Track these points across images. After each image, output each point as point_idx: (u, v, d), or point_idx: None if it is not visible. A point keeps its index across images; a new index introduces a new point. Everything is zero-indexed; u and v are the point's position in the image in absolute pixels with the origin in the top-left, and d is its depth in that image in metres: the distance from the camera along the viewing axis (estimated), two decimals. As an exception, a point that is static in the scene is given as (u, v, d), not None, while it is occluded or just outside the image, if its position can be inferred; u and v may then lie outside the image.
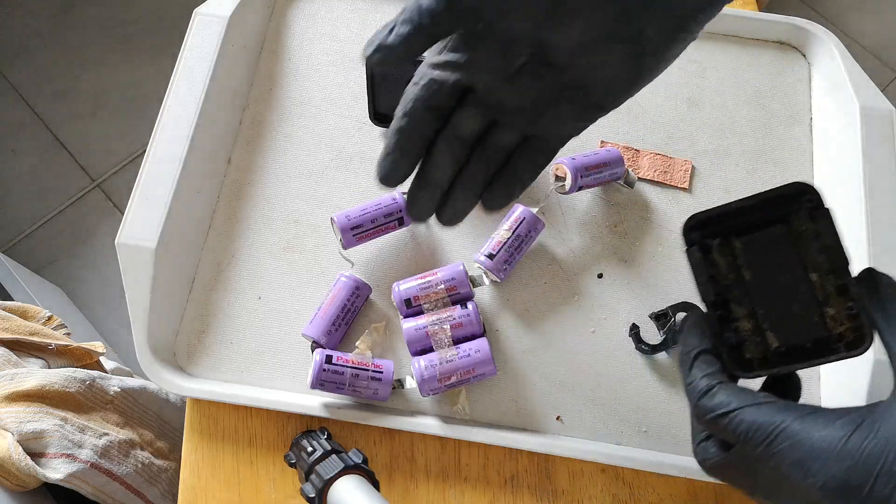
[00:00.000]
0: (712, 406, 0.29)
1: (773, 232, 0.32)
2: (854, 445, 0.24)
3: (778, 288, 0.32)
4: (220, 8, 0.56)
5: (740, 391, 0.29)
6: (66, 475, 0.59)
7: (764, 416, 0.27)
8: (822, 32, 0.58)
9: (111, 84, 1.50)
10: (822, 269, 0.32)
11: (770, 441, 0.26)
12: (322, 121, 0.57)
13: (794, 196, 0.32)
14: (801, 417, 0.26)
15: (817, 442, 0.25)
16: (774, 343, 0.32)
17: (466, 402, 0.48)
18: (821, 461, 0.25)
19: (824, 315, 0.31)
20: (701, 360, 0.31)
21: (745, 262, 0.32)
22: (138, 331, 0.48)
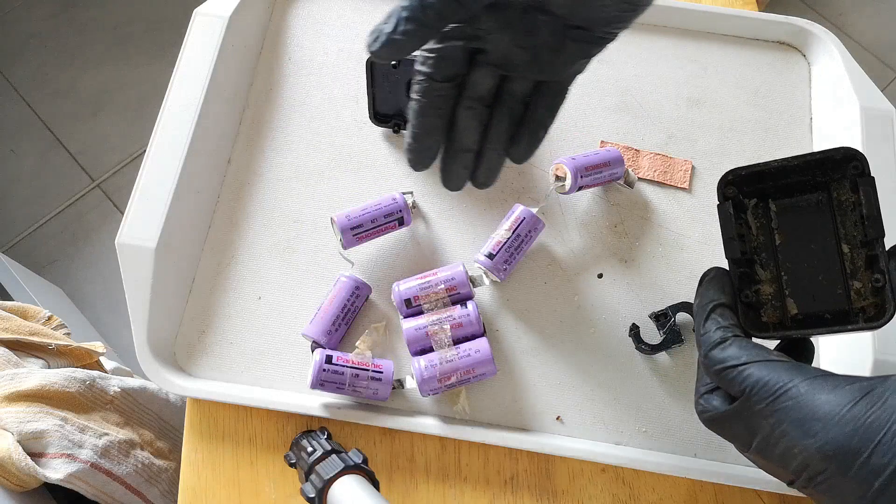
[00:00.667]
0: (723, 357, 0.29)
1: (813, 199, 0.31)
2: (859, 412, 0.24)
3: (807, 256, 0.31)
4: (220, 8, 0.56)
5: (753, 346, 0.29)
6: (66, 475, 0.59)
7: (773, 373, 0.27)
8: (822, 32, 0.58)
9: (111, 84, 1.50)
10: (854, 242, 0.31)
11: (775, 398, 0.26)
12: (322, 121, 0.57)
13: (840, 161, 0.31)
14: (810, 379, 0.26)
15: (822, 404, 0.25)
16: (793, 310, 0.31)
17: (466, 402, 0.48)
18: (822, 423, 0.25)
19: (849, 288, 0.31)
20: (717, 312, 0.31)
21: (777, 226, 0.32)
22: (138, 331, 0.48)
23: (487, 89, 0.35)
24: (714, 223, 0.54)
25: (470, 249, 0.53)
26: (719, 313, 0.31)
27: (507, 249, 0.49)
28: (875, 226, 0.30)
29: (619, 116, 0.57)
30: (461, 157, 0.37)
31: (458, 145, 0.36)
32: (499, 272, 0.49)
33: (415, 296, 0.48)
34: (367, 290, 0.50)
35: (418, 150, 0.36)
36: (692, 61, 0.59)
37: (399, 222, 0.50)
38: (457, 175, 0.38)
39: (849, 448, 0.24)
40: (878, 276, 0.30)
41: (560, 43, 0.33)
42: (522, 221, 0.49)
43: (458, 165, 0.37)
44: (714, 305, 0.31)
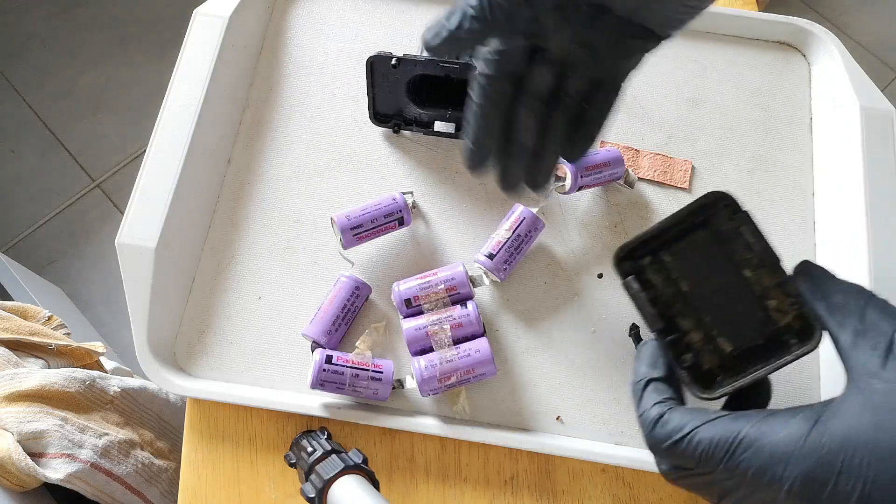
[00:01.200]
0: (667, 433, 0.28)
1: (698, 237, 0.33)
2: (813, 444, 0.24)
3: (716, 291, 0.32)
4: (220, 8, 0.56)
5: (692, 412, 0.28)
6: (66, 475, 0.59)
7: (720, 430, 0.27)
8: (822, 32, 0.58)
9: (111, 84, 1.50)
10: (753, 265, 0.32)
11: (731, 454, 0.26)
12: (322, 121, 0.57)
13: (711, 204, 0.32)
14: (758, 423, 0.26)
15: (777, 445, 0.25)
16: (728, 347, 0.32)
17: (466, 402, 0.48)
18: (783, 464, 0.25)
19: (767, 308, 0.31)
20: (651, 388, 0.30)
21: (679, 274, 0.33)
22: (138, 331, 0.48)
23: (547, 87, 0.34)
24: (714, 223, 0.54)
25: (470, 249, 0.53)
26: (652, 388, 0.30)
27: (507, 249, 0.49)
28: (767, 256, 0.31)
29: (619, 116, 0.57)
30: (520, 156, 0.36)
31: (518, 144, 0.36)
32: (499, 272, 0.49)
33: (415, 296, 0.48)
34: (367, 290, 0.50)
35: (479, 152, 0.36)
36: (692, 61, 0.59)
37: (399, 222, 0.50)
38: (515, 175, 0.37)
39: (815, 482, 0.24)
40: (793, 300, 0.30)
41: (620, 42, 0.33)
42: (522, 221, 0.49)
43: (517, 165, 0.37)
44: (646, 382, 0.31)
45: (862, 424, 0.24)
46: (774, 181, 0.55)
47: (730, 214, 0.32)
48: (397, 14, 0.61)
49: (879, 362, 0.25)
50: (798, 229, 0.54)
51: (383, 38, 0.60)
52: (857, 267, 0.50)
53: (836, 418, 0.25)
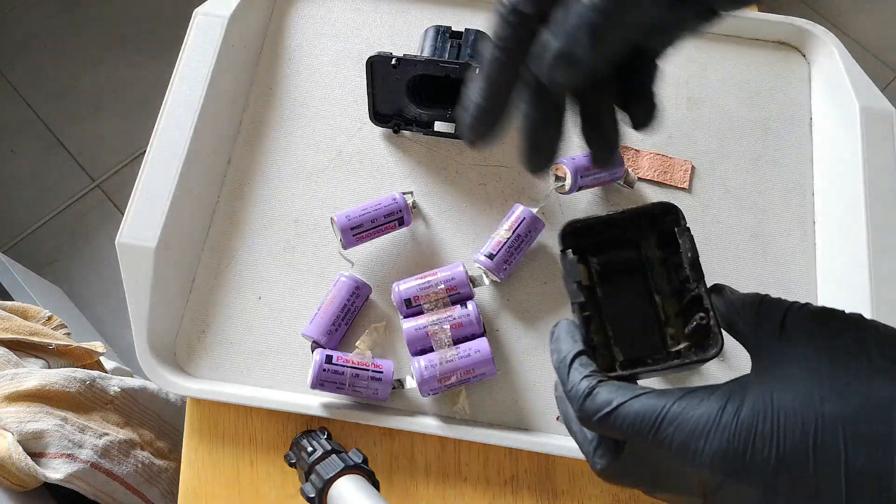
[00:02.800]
0: (596, 407, 0.28)
1: (625, 255, 0.35)
2: (728, 417, 0.26)
3: (626, 307, 0.35)
4: (220, 8, 0.56)
5: (620, 387, 0.29)
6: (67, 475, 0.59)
7: (645, 405, 0.27)
8: (822, 32, 0.58)
9: (111, 84, 1.50)
10: (665, 293, 0.35)
11: (656, 429, 0.27)
12: (322, 121, 0.57)
13: (659, 214, 0.34)
14: (679, 399, 0.27)
15: (697, 419, 0.26)
16: (620, 357, 0.34)
17: (466, 402, 0.48)
18: (704, 438, 0.26)
19: (665, 335, 0.34)
20: (577, 362, 0.31)
21: (598, 280, 0.35)
22: (138, 331, 0.48)
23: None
24: (714, 223, 0.54)
25: (470, 249, 0.53)
26: (579, 363, 0.31)
27: (507, 249, 0.49)
28: (696, 269, 0.33)
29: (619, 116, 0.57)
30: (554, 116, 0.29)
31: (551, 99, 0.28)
32: (499, 272, 0.49)
33: (415, 296, 0.48)
34: (367, 290, 0.50)
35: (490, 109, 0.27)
36: (692, 61, 0.59)
37: (399, 222, 0.50)
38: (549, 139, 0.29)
39: (733, 453, 0.25)
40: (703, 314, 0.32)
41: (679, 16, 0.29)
42: (522, 221, 0.49)
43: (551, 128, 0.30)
44: (572, 356, 0.31)
45: (765, 393, 0.26)
46: (774, 181, 0.55)
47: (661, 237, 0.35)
48: (397, 14, 0.61)
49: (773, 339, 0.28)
50: (798, 229, 0.54)
51: (383, 38, 0.60)
52: (857, 267, 0.50)
53: (745, 392, 0.26)
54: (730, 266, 0.53)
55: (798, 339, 0.27)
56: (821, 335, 0.27)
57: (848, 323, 0.27)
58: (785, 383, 0.26)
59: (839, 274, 0.51)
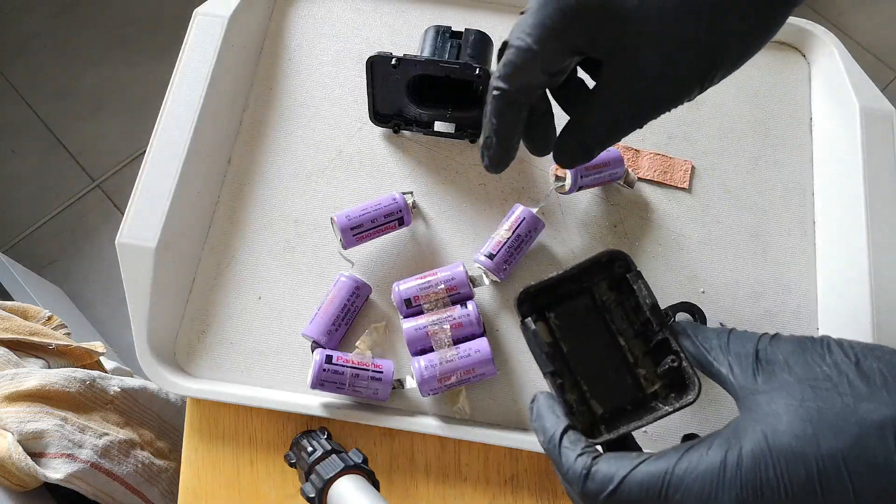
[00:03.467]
0: (598, 488, 0.28)
1: (580, 303, 0.35)
2: (731, 471, 0.26)
3: (593, 356, 0.34)
4: (220, 8, 0.56)
5: (617, 458, 0.29)
6: (67, 475, 0.59)
7: (648, 475, 0.27)
8: (822, 32, 0.58)
9: (111, 84, 1.50)
10: (628, 335, 0.34)
11: (664, 497, 0.27)
12: (322, 121, 0.57)
13: (607, 262, 0.34)
14: (679, 460, 0.27)
15: (703, 480, 0.26)
16: (599, 410, 0.33)
17: (466, 402, 0.48)
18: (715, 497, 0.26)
19: (637, 376, 0.34)
20: (566, 440, 0.30)
21: (560, 335, 0.34)
22: (138, 331, 0.48)
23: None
24: (714, 223, 0.54)
25: (470, 249, 0.53)
26: (567, 440, 0.30)
27: (507, 249, 0.49)
28: (656, 314, 0.33)
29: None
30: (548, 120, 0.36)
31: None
32: (499, 272, 0.49)
33: (415, 296, 0.48)
34: (367, 290, 0.50)
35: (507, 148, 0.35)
36: (692, 61, 0.59)
37: (399, 222, 0.50)
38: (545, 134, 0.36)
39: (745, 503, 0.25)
40: (673, 357, 0.32)
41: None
42: (522, 221, 0.49)
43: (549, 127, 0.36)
44: (560, 435, 0.30)
45: (759, 437, 0.26)
46: (774, 181, 0.55)
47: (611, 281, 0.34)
48: (397, 14, 0.61)
49: (753, 378, 0.28)
50: (798, 229, 0.54)
51: (383, 38, 0.60)
52: (857, 267, 0.50)
53: (741, 440, 0.26)
54: (730, 266, 0.53)
55: (777, 373, 0.27)
56: (797, 365, 0.27)
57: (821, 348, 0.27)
58: (775, 422, 0.26)
59: (839, 274, 0.52)
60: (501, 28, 0.59)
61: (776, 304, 0.52)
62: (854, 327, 0.49)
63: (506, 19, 0.60)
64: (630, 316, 0.34)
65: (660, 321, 0.32)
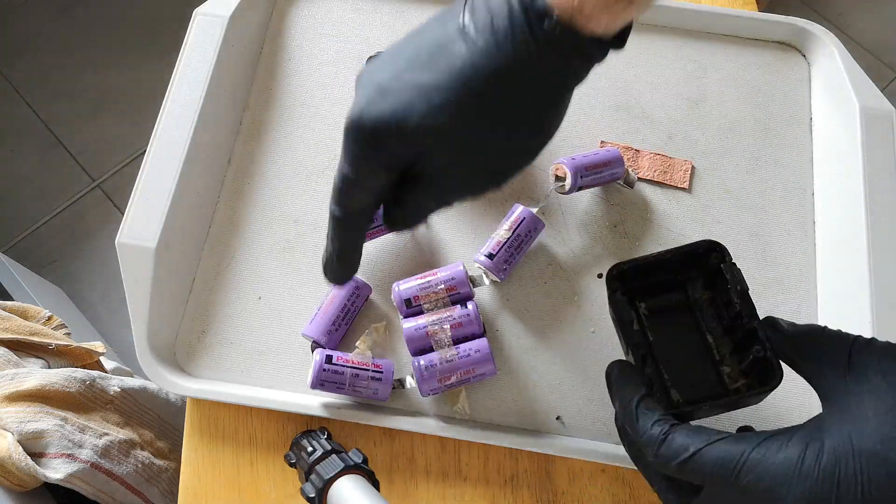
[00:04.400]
0: (673, 453, 0.28)
1: (673, 298, 0.35)
2: (810, 463, 0.26)
3: (678, 349, 0.34)
4: (220, 8, 0.56)
5: (695, 431, 0.29)
6: (67, 475, 0.59)
7: (724, 451, 0.27)
8: (822, 32, 0.58)
9: (111, 84, 1.50)
10: (717, 333, 0.34)
11: (736, 476, 0.27)
12: (322, 121, 0.57)
13: (704, 253, 0.34)
14: (758, 446, 0.27)
15: (778, 467, 0.26)
16: (678, 399, 0.34)
17: (466, 402, 0.48)
18: (787, 485, 0.26)
19: (721, 374, 0.34)
20: (642, 407, 0.30)
21: (648, 324, 0.35)
22: (138, 331, 0.48)
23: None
24: (714, 223, 0.54)
25: (470, 249, 0.53)
26: (646, 406, 0.30)
27: (507, 249, 0.49)
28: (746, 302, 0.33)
29: (619, 116, 0.57)
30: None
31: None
32: (499, 272, 0.49)
33: (415, 296, 0.48)
34: (367, 290, 0.50)
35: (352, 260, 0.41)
36: (692, 61, 0.59)
37: (399, 222, 0.50)
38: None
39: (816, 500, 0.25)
40: (759, 346, 0.32)
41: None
42: (522, 221, 0.49)
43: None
44: (637, 401, 0.31)
45: (843, 436, 0.26)
46: (774, 181, 0.55)
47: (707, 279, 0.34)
48: (397, 14, 0.61)
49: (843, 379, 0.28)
50: (798, 229, 0.54)
51: (383, 38, 0.60)
52: (857, 267, 0.50)
53: (823, 436, 0.26)
54: (730, 266, 0.53)
55: (870, 376, 0.27)
56: (891, 371, 0.27)
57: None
58: (863, 424, 0.26)
59: (839, 274, 0.51)
60: (501, 28, 0.59)
61: (776, 304, 0.52)
62: (854, 328, 0.49)
63: (506, 19, 0.60)
64: (720, 313, 0.34)
65: (750, 310, 0.32)
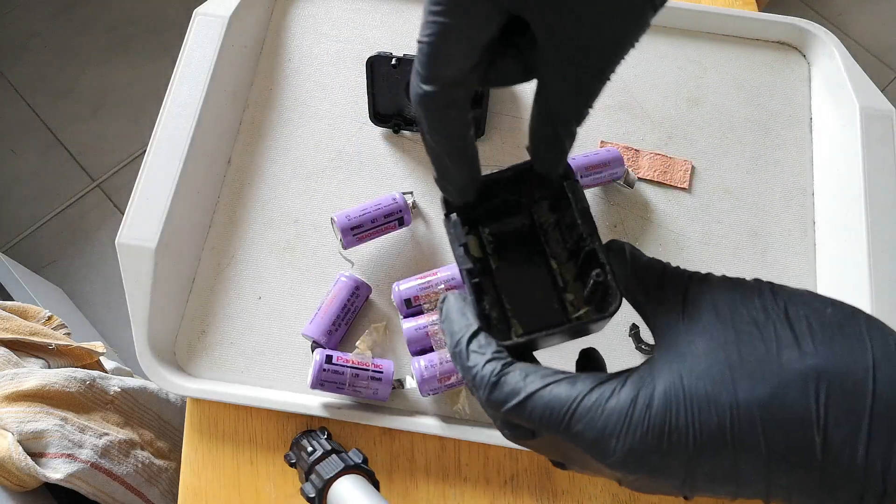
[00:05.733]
0: (503, 398, 0.26)
1: (517, 222, 0.33)
2: (640, 412, 0.24)
3: (521, 276, 0.32)
4: (220, 8, 0.56)
5: (529, 372, 0.26)
6: (66, 475, 0.59)
7: (555, 397, 0.25)
8: (822, 32, 0.58)
9: (111, 84, 1.50)
10: (561, 258, 0.32)
11: (566, 424, 0.25)
12: (322, 121, 0.57)
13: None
14: (591, 391, 0.25)
15: (608, 415, 0.24)
16: (519, 330, 0.31)
17: (466, 402, 0.48)
18: (615, 437, 0.24)
19: (563, 300, 0.32)
20: (475, 343, 0.28)
21: (491, 251, 0.33)
22: (138, 331, 0.48)
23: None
24: (714, 223, 0.54)
25: (470, 249, 0.53)
26: (476, 344, 0.28)
27: (507, 249, 0.49)
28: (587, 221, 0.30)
29: (619, 116, 0.57)
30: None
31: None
32: (499, 272, 0.49)
33: (415, 296, 0.48)
34: (367, 290, 0.50)
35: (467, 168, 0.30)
36: (692, 61, 0.59)
37: (399, 222, 0.50)
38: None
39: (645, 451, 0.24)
40: (598, 270, 0.29)
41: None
42: (522, 221, 0.49)
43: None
44: (469, 337, 0.28)
45: (674, 377, 0.24)
46: (774, 181, 0.55)
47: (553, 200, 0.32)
48: (397, 14, 0.61)
49: (677, 316, 0.26)
50: (798, 229, 0.54)
51: (383, 38, 0.60)
52: (857, 267, 0.50)
53: (654, 380, 0.25)
54: (729, 266, 0.53)
55: (703, 312, 0.25)
56: (725, 307, 0.25)
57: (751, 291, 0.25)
58: (694, 363, 0.24)
59: (839, 274, 0.51)
60: (501, 28, 0.59)
61: (776, 304, 0.52)
62: (854, 327, 0.49)
63: (506, 19, 0.60)
64: (565, 235, 0.32)
65: (590, 229, 0.30)
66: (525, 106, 0.57)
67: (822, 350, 0.23)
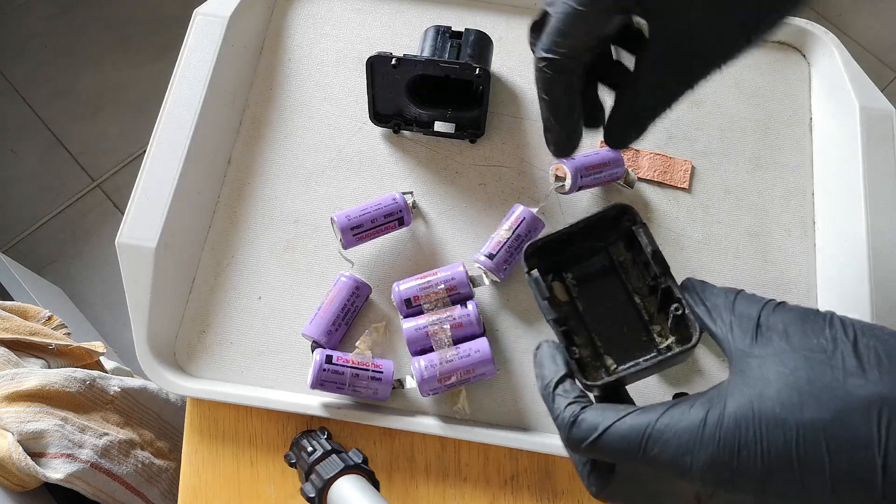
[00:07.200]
0: (582, 435, 0.28)
1: (598, 262, 0.35)
2: (711, 429, 0.26)
3: (608, 314, 0.35)
4: (220, 8, 0.56)
5: (604, 409, 0.29)
6: (67, 475, 0.59)
7: (630, 427, 0.27)
8: (822, 32, 0.58)
9: (111, 84, 1.50)
10: (643, 293, 0.35)
11: (643, 450, 0.27)
12: (322, 121, 0.57)
13: (615, 217, 0.34)
14: (663, 415, 0.27)
15: (681, 434, 0.26)
16: (612, 365, 0.34)
17: (466, 402, 0.48)
18: (690, 454, 0.26)
19: (651, 332, 0.34)
20: (560, 388, 0.31)
21: (577, 294, 0.35)
22: (138, 331, 0.48)
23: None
24: (714, 223, 0.54)
25: (470, 249, 0.53)
26: (562, 389, 0.30)
27: (507, 249, 0.49)
28: (658, 261, 0.33)
29: (619, 116, 0.57)
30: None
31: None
32: (499, 272, 0.49)
33: (415, 296, 0.48)
34: (367, 290, 0.50)
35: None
36: (692, 61, 0.59)
37: (399, 222, 0.50)
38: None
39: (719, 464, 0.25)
40: (676, 305, 0.32)
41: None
42: (522, 221, 0.49)
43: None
44: (555, 382, 0.31)
45: (745, 400, 0.26)
46: (774, 181, 0.55)
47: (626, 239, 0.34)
48: (397, 14, 0.61)
49: (750, 342, 0.28)
50: (798, 229, 0.54)
51: (383, 38, 0.60)
52: (857, 267, 0.50)
53: (725, 400, 0.26)
54: (730, 266, 0.53)
55: (774, 339, 0.27)
56: (796, 334, 0.27)
57: (822, 321, 0.27)
58: (764, 387, 0.26)
59: (839, 274, 0.52)
60: (501, 28, 0.59)
61: (776, 304, 0.52)
62: (854, 327, 0.49)
63: (505, 19, 0.60)
64: (643, 272, 0.34)
65: (662, 269, 0.32)
66: (525, 106, 0.57)
67: (887, 379, 0.25)
